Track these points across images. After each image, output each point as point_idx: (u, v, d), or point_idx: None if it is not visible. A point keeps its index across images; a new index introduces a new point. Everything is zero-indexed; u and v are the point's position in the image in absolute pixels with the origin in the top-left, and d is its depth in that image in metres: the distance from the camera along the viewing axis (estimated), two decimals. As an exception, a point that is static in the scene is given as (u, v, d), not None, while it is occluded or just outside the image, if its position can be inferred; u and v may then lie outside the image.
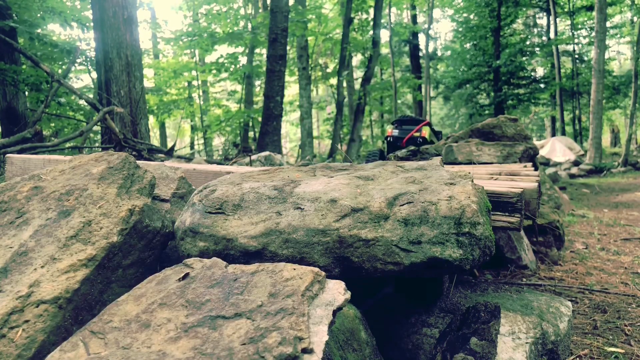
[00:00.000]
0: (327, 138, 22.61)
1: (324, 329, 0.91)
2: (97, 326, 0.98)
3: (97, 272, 1.28)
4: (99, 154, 1.73)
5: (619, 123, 26.39)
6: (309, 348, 0.84)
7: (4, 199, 1.49)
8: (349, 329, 1.32)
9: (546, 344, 1.52)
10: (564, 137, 18.19)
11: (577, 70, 21.75)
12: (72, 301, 1.18)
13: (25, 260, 1.24)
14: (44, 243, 1.29)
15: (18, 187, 1.54)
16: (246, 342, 0.86)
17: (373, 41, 14.75)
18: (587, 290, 2.45)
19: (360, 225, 1.31)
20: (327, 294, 1.03)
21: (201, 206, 1.48)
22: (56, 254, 1.25)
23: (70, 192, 1.48)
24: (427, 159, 4.00)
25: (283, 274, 1.06)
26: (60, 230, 1.33)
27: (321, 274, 1.08)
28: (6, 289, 1.16)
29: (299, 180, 1.59)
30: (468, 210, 1.28)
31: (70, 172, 1.63)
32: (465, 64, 20.83)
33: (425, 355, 1.47)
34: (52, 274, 1.20)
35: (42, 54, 8.56)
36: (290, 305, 0.94)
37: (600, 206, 6.58)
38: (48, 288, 1.16)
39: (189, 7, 19.12)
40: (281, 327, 0.88)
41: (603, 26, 14.40)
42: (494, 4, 19.18)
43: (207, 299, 1.01)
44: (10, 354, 1.04)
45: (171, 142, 25.93)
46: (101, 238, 1.33)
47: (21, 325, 1.08)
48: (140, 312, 1.01)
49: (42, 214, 1.40)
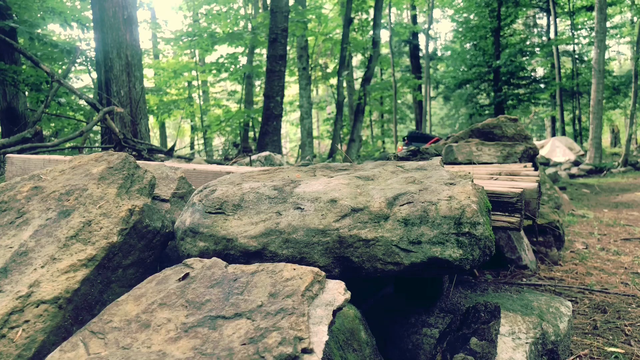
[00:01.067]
0: (327, 138, 22.60)
1: (324, 329, 0.91)
2: (97, 326, 0.98)
3: (97, 272, 1.28)
4: (99, 154, 1.73)
5: (619, 123, 26.39)
6: (309, 348, 0.84)
7: (4, 199, 1.49)
8: (349, 329, 1.32)
9: (546, 344, 1.52)
10: (564, 137, 18.18)
11: (577, 70, 21.76)
12: (72, 301, 1.18)
13: (25, 260, 1.24)
14: (44, 243, 1.29)
15: (18, 187, 1.54)
16: (246, 342, 0.86)
17: (373, 41, 14.74)
18: (587, 290, 2.45)
19: (360, 225, 1.31)
20: (327, 294, 1.03)
21: (201, 206, 1.48)
22: (56, 254, 1.25)
23: (70, 192, 1.48)
24: (427, 159, 4.00)
25: (283, 274, 1.06)
26: (60, 230, 1.33)
27: (321, 274, 1.08)
28: (6, 289, 1.16)
29: (299, 180, 1.59)
30: (468, 210, 1.28)
31: (70, 172, 1.63)
32: (465, 64, 20.83)
33: (425, 355, 1.47)
34: (52, 274, 1.20)
35: (42, 54, 8.55)
36: (290, 306, 0.94)
37: (600, 206, 6.58)
38: (48, 288, 1.16)
39: (189, 7, 19.12)
40: (281, 327, 0.88)
41: (603, 26, 14.40)
42: (494, 4, 19.18)
43: (207, 299, 1.01)
44: (10, 354, 1.04)
45: (171, 142, 25.94)
46: (101, 238, 1.33)
47: (21, 325, 1.08)
48: (140, 312, 1.01)
49: (42, 214, 1.40)
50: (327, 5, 20.85)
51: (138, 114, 6.78)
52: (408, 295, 1.75)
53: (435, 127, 29.69)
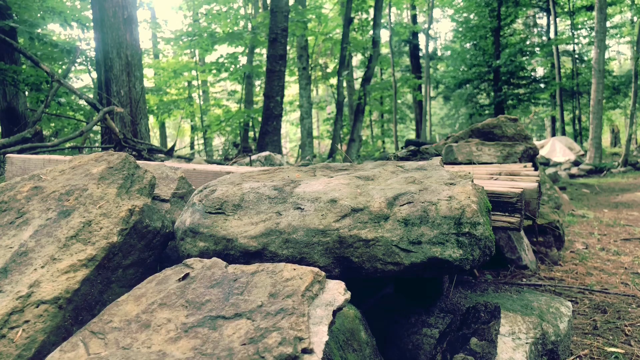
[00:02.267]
0: (327, 138, 22.60)
1: (324, 329, 0.91)
2: (97, 326, 0.98)
3: (97, 272, 1.28)
4: (99, 154, 1.73)
5: (619, 123, 26.38)
6: (309, 348, 0.84)
7: (4, 199, 1.49)
8: (349, 329, 1.32)
9: (546, 344, 1.52)
10: (564, 137, 18.18)
11: (577, 70, 21.76)
12: (72, 301, 1.18)
13: (25, 260, 1.24)
14: (44, 243, 1.29)
15: (18, 187, 1.54)
16: (246, 343, 0.86)
17: (373, 41, 14.74)
18: (587, 291, 2.45)
19: (360, 225, 1.31)
20: (327, 294, 1.03)
21: (201, 206, 1.48)
22: (56, 254, 1.25)
23: (70, 192, 1.48)
24: (427, 159, 4.00)
25: (283, 274, 1.06)
26: (60, 231, 1.33)
27: (321, 274, 1.08)
28: (6, 289, 1.16)
29: (299, 180, 1.59)
30: (468, 210, 1.28)
31: (70, 172, 1.63)
32: (465, 64, 20.82)
33: (425, 355, 1.47)
34: (52, 274, 1.20)
35: (42, 54, 8.55)
36: (291, 306, 0.94)
37: (600, 206, 6.58)
38: (48, 288, 1.16)
39: (189, 7, 19.11)
40: (281, 327, 0.88)
41: (603, 26, 14.40)
42: (494, 4, 19.18)
43: (207, 299, 1.01)
44: (10, 354, 1.04)
45: (171, 142, 25.93)
46: (101, 238, 1.33)
47: (21, 325, 1.08)
48: (140, 312, 1.01)
49: (42, 214, 1.40)
50: (327, 5, 20.84)
51: (138, 113, 6.78)
52: (408, 295, 1.75)
53: (435, 127, 29.70)
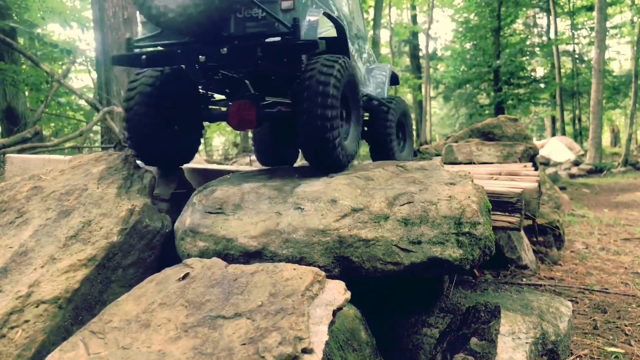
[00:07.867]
0: (327, 138, 22.52)
1: (324, 329, 0.91)
2: (97, 326, 0.98)
3: (97, 272, 1.28)
4: (99, 154, 1.73)
5: (619, 123, 26.37)
6: (309, 348, 0.84)
7: (4, 199, 1.49)
8: (349, 329, 1.32)
9: (546, 344, 1.52)
10: (564, 137, 18.17)
11: (577, 70, 21.75)
12: (72, 301, 1.18)
13: (25, 260, 1.24)
14: (43, 243, 1.29)
15: (18, 187, 1.54)
16: (246, 342, 0.86)
17: (373, 41, 14.74)
18: (587, 290, 2.45)
19: (360, 225, 1.31)
20: (327, 294, 1.03)
21: (201, 206, 1.48)
22: (56, 253, 1.25)
23: (70, 192, 1.48)
24: (427, 159, 4.00)
25: (283, 274, 1.06)
26: (60, 230, 1.33)
27: (321, 274, 1.08)
28: (6, 289, 1.16)
29: (299, 180, 1.59)
30: (468, 210, 1.28)
31: (70, 172, 1.63)
32: (465, 64, 20.80)
33: (425, 355, 1.47)
34: (52, 274, 1.20)
35: (42, 54, 8.55)
36: (290, 305, 0.94)
37: (600, 206, 6.58)
38: (48, 288, 1.16)
39: (189, 7, 19.07)
40: (281, 327, 0.88)
41: (603, 26, 14.40)
42: (494, 4, 19.16)
43: (207, 299, 1.01)
44: (10, 354, 1.04)
45: (171, 142, 25.81)
46: (101, 238, 1.33)
47: (21, 325, 1.08)
48: (140, 312, 1.01)
49: (42, 213, 1.40)
50: (327, 5, 20.80)
51: (138, 114, 6.75)
52: (408, 295, 1.75)
53: (435, 127, 29.67)
